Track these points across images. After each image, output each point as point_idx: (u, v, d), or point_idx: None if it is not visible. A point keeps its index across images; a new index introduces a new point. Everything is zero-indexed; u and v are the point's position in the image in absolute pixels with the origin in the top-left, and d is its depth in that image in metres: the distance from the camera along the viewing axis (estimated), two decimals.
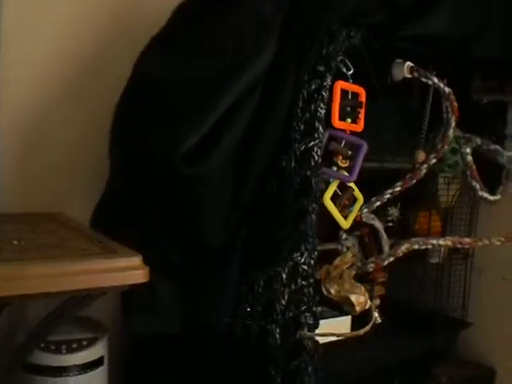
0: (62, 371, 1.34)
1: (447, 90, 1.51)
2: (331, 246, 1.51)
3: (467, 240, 1.64)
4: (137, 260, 1.19)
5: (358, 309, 1.42)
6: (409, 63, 1.48)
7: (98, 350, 1.40)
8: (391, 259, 1.50)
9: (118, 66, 1.45)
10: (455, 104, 1.51)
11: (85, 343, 1.39)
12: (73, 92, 1.63)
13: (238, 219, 1.34)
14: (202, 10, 1.40)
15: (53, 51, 1.59)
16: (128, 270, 1.17)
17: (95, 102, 1.64)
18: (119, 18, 1.69)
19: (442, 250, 1.77)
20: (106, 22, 1.67)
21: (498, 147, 1.55)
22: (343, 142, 1.40)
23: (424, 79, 1.49)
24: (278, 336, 1.35)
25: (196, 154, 1.24)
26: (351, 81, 1.40)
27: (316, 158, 1.34)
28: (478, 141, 1.57)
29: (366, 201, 1.51)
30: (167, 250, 1.35)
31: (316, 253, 1.37)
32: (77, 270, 1.14)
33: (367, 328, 1.41)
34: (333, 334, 1.42)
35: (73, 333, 1.40)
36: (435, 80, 1.49)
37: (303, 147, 1.34)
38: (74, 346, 1.37)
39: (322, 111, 1.34)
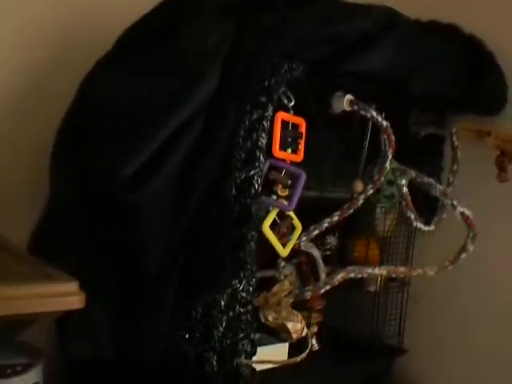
0: None
1: (385, 123, 1.55)
2: (270, 273, 1.53)
3: (402, 269, 1.68)
4: (73, 286, 1.18)
5: (294, 336, 1.44)
6: (349, 96, 1.52)
7: (32, 376, 1.37)
8: (328, 287, 1.52)
9: (64, 87, 1.45)
10: (392, 137, 1.56)
11: (19, 369, 1.36)
12: (14, 113, 1.62)
13: (176, 245, 1.35)
14: (147, 36, 1.41)
15: None
16: (64, 295, 1.16)
17: (38, 124, 1.63)
18: (66, 39, 1.70)
19: (379, 278, 1.81)
20: (54, 43, 1.68)
21: (431, 180, 1.60)
22: (283, 172, 1.43)
23: (363, 112, 1.53)
24: (215, 363, 1.35)
25: (136, 180, 1.25)
26: (292, 112, 1.43)
27: (256, 186, 1.36)
28: (413, 173, 1.62)
29: (305, 229, 1.53)
30: (104, 275, 1.35)
31: (255, 280, 1.38)
32: (11, 295, 1.12)
33: (304, 355, 1.43)
34: (270, 362, 1.44)
35: (7, 358, 1.37)
36: (374, 113, 1.53)
37: (244, 175, 1.35)
38: (9, 371, 1.34)
39: (263, 141, 1.36)
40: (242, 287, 1.36)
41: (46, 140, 1.42)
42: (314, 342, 1.66)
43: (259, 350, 1.42)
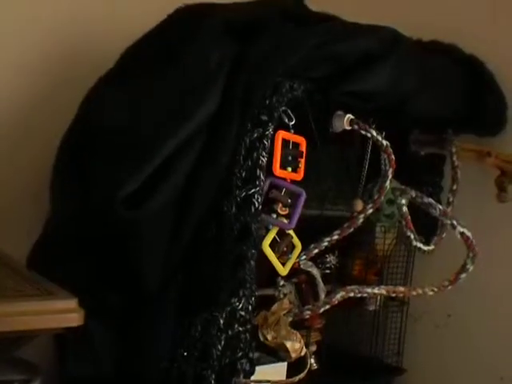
0: None
1: (385, 142, 1.55)
2: (269, 291, 1.52)
3: (401, 289, 1.68)
4: (72, 303, 1.18)
5: (293, 355, 1.44)
6: (349, 116, 1.52)
7: None
8: (327, 307, 1.52)
9: (66, 105, 1.46)
10: (392, 157, 1.56)
11: None
12: (15, 131, 1.63)
13: (175, 263, 1.35)
14: (148, 56, 1.43)
15: None
16: (63, 312, 1.17)
17: (39, 141, 1.64)
18: (68, 56, 1.71)
19: (378, 297, 1.81)
20: (55, 62, 1.69)
21: (430, 200, 1.60)
22: (283, 190, 1.43)
23: (363, 132, 1.54)
24: (213, 382, 1.34)
25: (136, 198, 1.25)
26: (292, 131, 1.43)
27: (256, 204, 1.36)
28: (413, 193, 1.62)
29: (305, 248, 1.53)
30: (103, 293, 1.35)
31: (254, 299, 1.38)
32: (11, 311, 1.13)
33: (302, 375, 1.43)
34: (268, 381, 1.43)
35: (5, 374, 1.36)
36: (374, 133, 1.54)
37: (244, 194, 1.36)
38: None
39: (264, 159, 1.37)
40: (241, 306, 1.36)
41: (47, 155, 1.43)
42: (312, 361, 1.65)
43: (258, 369, 1.41)
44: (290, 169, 1.44)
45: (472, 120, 1.74)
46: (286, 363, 1.53)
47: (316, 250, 1.56)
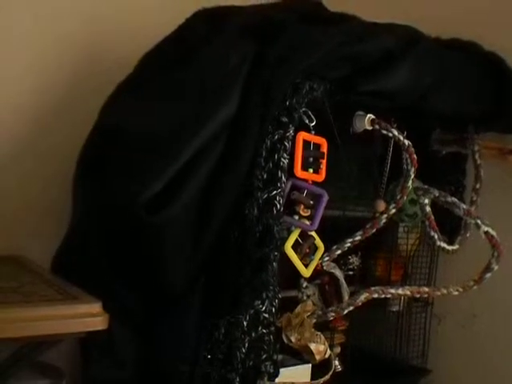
0: None
1: (407, 142, 1.54)
2: (292, 293, 1.52)
3: (426, 289, 1.66)
4: (97, 306, 1.19)
5: (317, 357, 1.43)
6: (370, 116, 1.51)
7: None
8: (351, 308, 1.51)
9: (85, 112, 1.47)
10: (414, 156, 1.54)
11: None
12: (34, 140, 1.64)
13: (198, 266, 1.35)
14: (167, 60, 1.43)
15: (12, 104, 1.59)
16: (88, 316, 1.17)
17: (58, 148, 1.65)
18: (85, 63, 1.72)
19: (402, 298, 1.79)
20: (71, 70, 1.70)
21: (454, 199, 1.58)
22: (305, 192, 1.42)
23: (385, 131, 1.53)
24: None
25: (158, 202, 1.25)
26: (313, 132, 1.43)
27: (278, 206, 1.36)
28: (436, 192, 1.61)
29: (327, 249, 1.52)
30: (127, 296, 1.35)
31: (277, 301, 1.38)
32: (36, 316, 1.14)
33: (327, 377, 1.42)
34: (292, 383, 1.42)
35: (30, 379, 1.38)
36: (395, 132, 1.53)
37: (266, 196, 1.35)
38: None
39: (285, 161, 1.36)
40: (264, 308, 1.35)
41: (69, 162, 1.44)
42: (337, 363, 1.65)
43: (282, 371, 1.41)
44: (311, 170, 1.43)
45: (494, 117, 1.72)
46: (310, 365, 1.52)
47: (339, 251, 1.55)
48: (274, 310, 1.37)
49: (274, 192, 1.35)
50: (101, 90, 1.46)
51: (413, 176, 1.57)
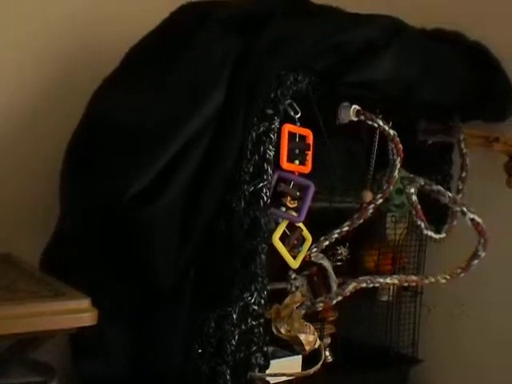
0: None
1: (392, 132, 1.55)
2: (281, 285, 1.52)
3: (414, 278, 1.67)
4: (86, 302, 1.19)
5: (307, 348, 1.43)
6: (355, 106, 1.52)
7: None
8: (339, 298, 1.52)
9: (70, 106, 1.47)
10: (400, 146, 1.55)
11: None
12: (22, 134, 1.64)
13: (187, 260, 1.35)
14: (153, 54, 1.43)
15: None
16: (77, 312, 1.18)
17: (46, 143, 1.64)
18: (73, 57, 1.71)
19: (392, 287, 1.80)
20: (59, 63, 1.70)
21: (440, 188, 1.59)
22: (292, 184, 1.43)
23: (370, 122, 1.53)
24: (228, 377, 1.35)
25: (145, 196, 1.26)
26: (299, 123, 1.43)
27: (265, 198, 1.36)
28: (422, 181, 1.61)
29: (315, 240, 1.53)
30: (116, 292, 1.35)
31: (266, 293, 1.39)
32: (25, 313, 1.14)
33: (317, 367, 1.43)
34: (283, 374, 1.43)
35: (21, 376, 1.38)
36: (380, 123, 1.53)
37: (252, 188, 1.36)
38: None
39: (271, 153, 1.37)
40: (253, 300, 1.36)
41: (57, 158, 1.44)
42: (327, 353, 1.65)
43: (272, 362, 1.42)
44: (297, 162, 1.44)
45: (479, 106, 1.73)
46: (300, 356, 1.53)
47: (326, 242, 1.55)
48: (263, 301, 1.38)
49: (261, 184, 1.36)
50: (89, 84, 1.46)
51: (399, 166, 1.58)
